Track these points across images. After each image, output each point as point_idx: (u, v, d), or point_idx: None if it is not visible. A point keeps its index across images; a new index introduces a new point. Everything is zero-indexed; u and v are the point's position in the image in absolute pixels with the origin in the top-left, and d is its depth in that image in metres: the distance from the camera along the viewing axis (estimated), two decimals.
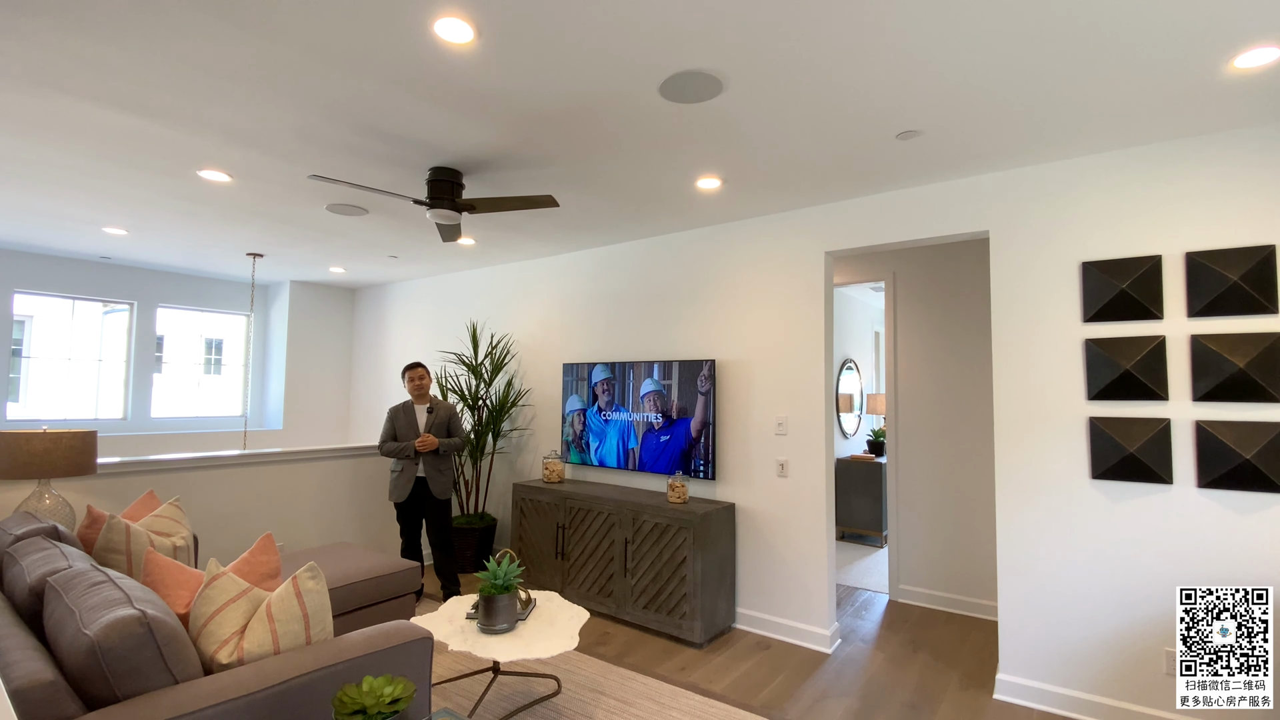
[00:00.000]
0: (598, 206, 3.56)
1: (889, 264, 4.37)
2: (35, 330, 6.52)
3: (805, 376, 3.48)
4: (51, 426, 5.28)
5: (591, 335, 4.56)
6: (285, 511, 4.00)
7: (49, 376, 5.71)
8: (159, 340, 6.47)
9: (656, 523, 3.52)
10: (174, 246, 4.84)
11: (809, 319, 3.49)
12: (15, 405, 5.60)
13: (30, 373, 5.70)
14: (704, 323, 3.93)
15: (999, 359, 2.91)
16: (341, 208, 3.66)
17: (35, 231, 4.45)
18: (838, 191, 3.25)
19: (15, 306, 5.38)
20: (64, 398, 5.75)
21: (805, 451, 3.46)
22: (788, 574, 3.49)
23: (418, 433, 3.89)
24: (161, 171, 3.10)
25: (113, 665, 1.35)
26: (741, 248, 3.78)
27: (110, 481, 3.28)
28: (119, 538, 2.35)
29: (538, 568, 4.11)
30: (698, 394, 3.79)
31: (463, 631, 2.50)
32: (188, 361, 6.59)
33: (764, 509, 3.60)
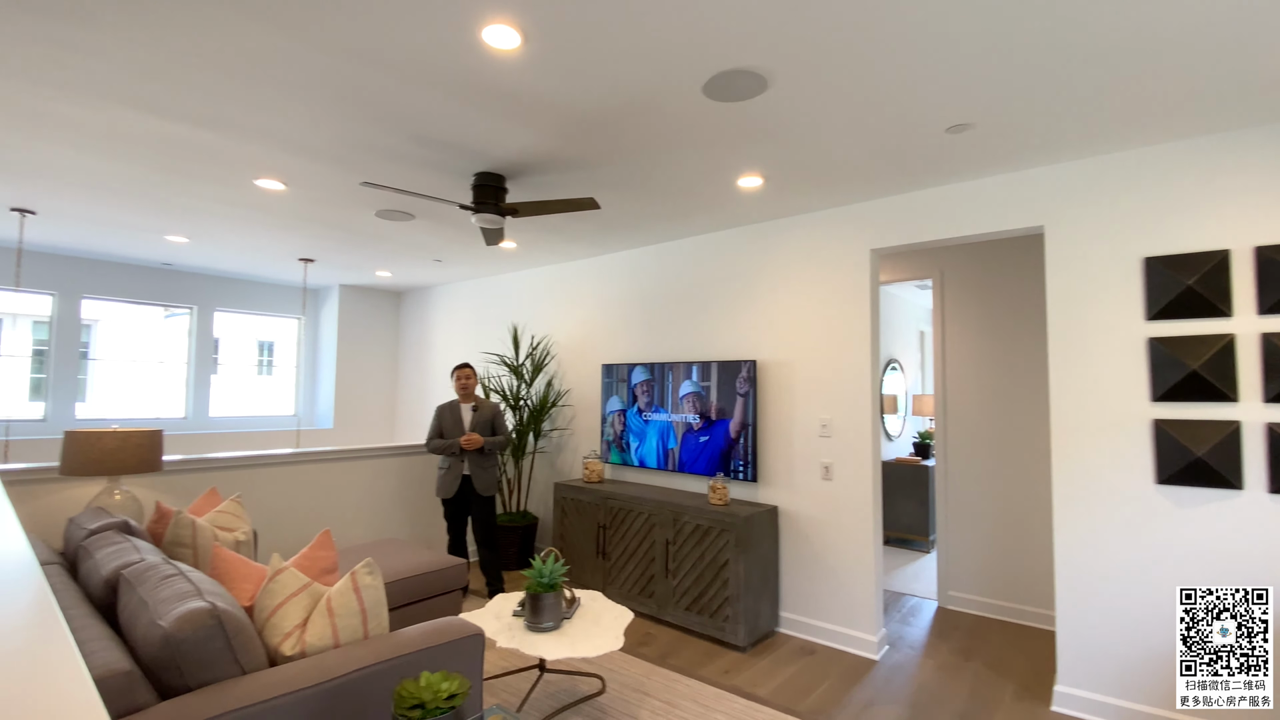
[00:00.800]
0: (638, 207, 3.57)
1: (937, 261, 4.26)
2: (101, 334, 6.89)
3: (850, 377, 3.42)
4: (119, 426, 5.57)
5: (631, 336, 4.57)
6: (337, 508, 4.12)
7: (114, 378, 6.01)
8: (215, 343, 6.76)
9: (698, 524, 3.51)
10: (231, 252, 5.05)
11: (854, 318, 3.42)
12: (83, 405, 5.92)
13: (97, 374, 6.02)
14: (744, 323, 3.90)
15: (1055, 359, 2.81)
16: (390, 213, 3.76)
17: (102, 240, 4.69)
18: (884, 187, 3.18)
19: (83, 312, 5.69)
20: (128, 398, 6.05)
21: (850, 454, 3.39)
22: (833, 578, 3.43)
23: (463, 431, 3.97)
24: (220, 181, 3.24)
25: (185, 655, 1.41)
26: (783, 246, 3.74)
27: (175, 478, 3.44)
28: (186, 532, 2.45)
29: (579, 566, 4.14)
30: (737, 395, 3.76)
31: (510, 629, 2.53)
32: (243, 363, 6.86)
33: (808, 512, 3.55)
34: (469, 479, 3.98)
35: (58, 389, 5.35)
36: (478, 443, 3.89)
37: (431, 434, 4.03)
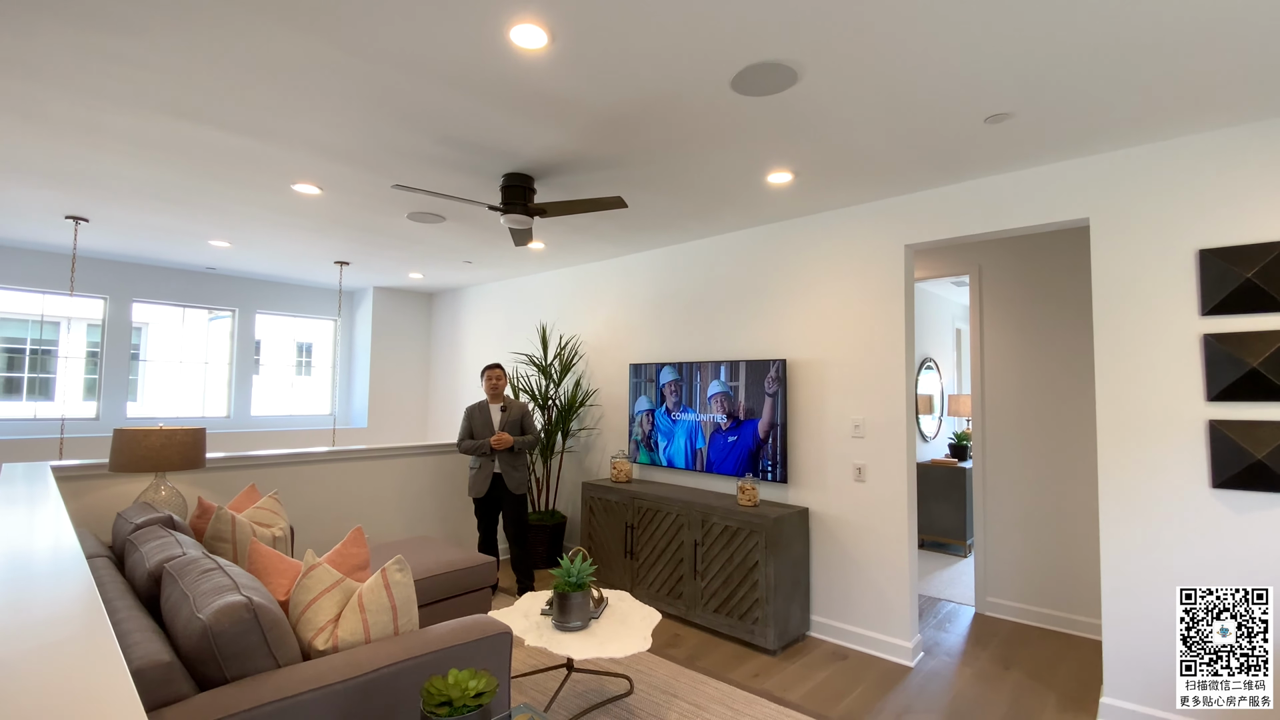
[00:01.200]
0: (666, 205, 3.55)
1: (974, 257, 4.14)
2: (152, 336, 7.16)
3: (884, 376, 3.34)
4: (166, 424, 5.78)
5: (658, 336, 4.55)
6: (370, 505, 4.20)
7: (163, 378, 6.24)
8: (257, 344, 6.97)
9: (726, 525, 3.47)
10: (270, 256, 5.19)
11: (888, 316, 3.34)
12: (134, 404, 6.16)
13: (148, 375, 6.26)
14: (773, 322, 3.85)
15: (1102, 357, 2.69)
16: (421, 216, 3.81)
17: (149, 245, 4.87)
18: (919, 181, 3.10)
19: (134, 315, 5.92)
20: (175, 398, 6.27)
21: (884, 455, 3.32)
22: (866, 582, 3.36)
23: (493, 430, 4.02)
24: (259, 186, 3.32)
25: (223, 648, 1.44)
26: (814, 243, 3.68)
27: (217, 475, 3.54)
28: (225, 527, 2.52)
29: (607, 566, 4.14)
30: (766, 395, 3.71)
31: (538, 627, 2.54)
32: (282, 364, 7.05)
33: (840, 514, 3.48)
34: (500, 478, 4.02)
35: (109, 389, 5.57)
36: (508, 442, 3.93)
37: (462, 435, 4.09)
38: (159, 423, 5.84)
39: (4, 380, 5.42)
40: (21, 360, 5.46)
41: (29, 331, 5.56)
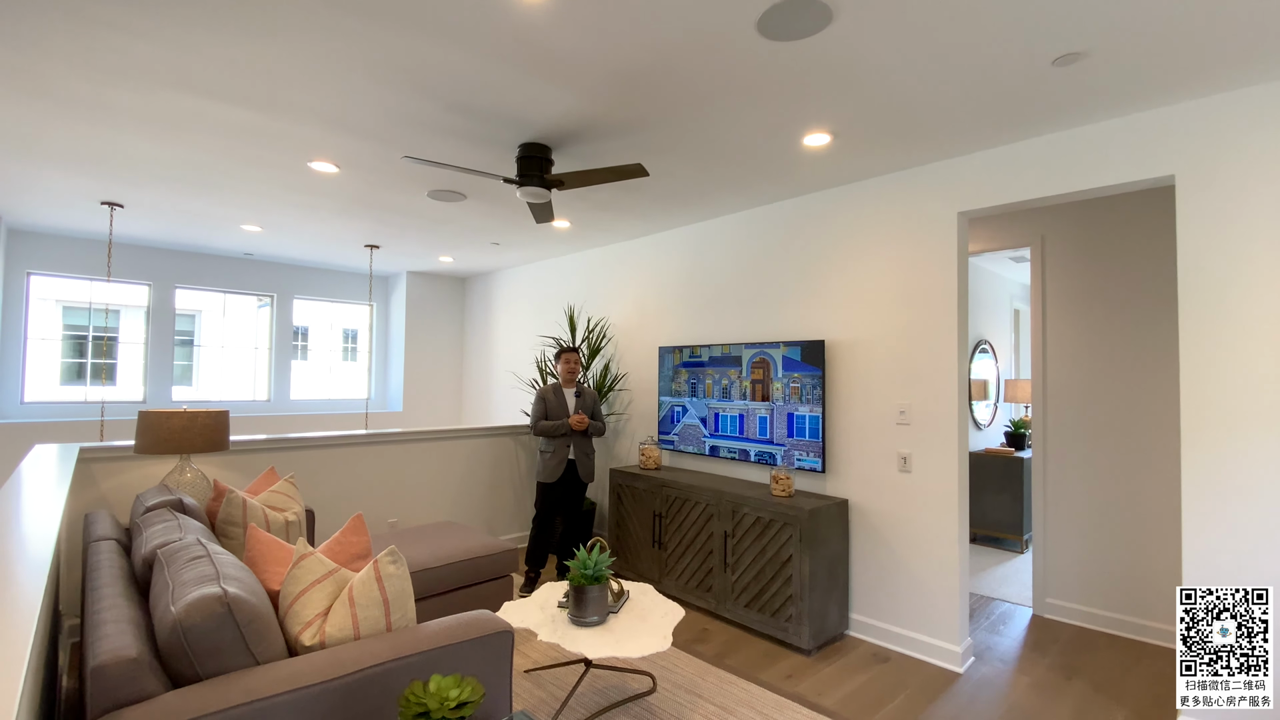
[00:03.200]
0: (692, 175, 3.33)
1: (1036, 226, 3.77)
2: (205, 322, 7.37)
3: (934, 359, 3.06)
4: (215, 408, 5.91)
5: (688, 317, 4.34)
6: (399, 489, 4.16)
7: (216, 363, 6.39)
8: (304, 331, 7.07)
9: (759, 517, 3.27)
10: (302, 241, 5.20)
11: (938, 292, 3.05)
12: (189, 389, 6.35)
13: (202, 360, 6.43)
14: (812, 300, 3.59)
15: (1189, 336, 2.36)
16: (441, 194, 3.70)
17: (186, 230, 4.93)
18: (974, 139, 2.79)
19: (187, 302, 6.07)
20: (228, 382, 6.41)
21: (933, 444, 3.04)
22: (911, 580, 3.11)
23: (568, 414, 3.94)
24: (276, 165, 3.26)
25: (194, 644, 1.34)
26: (856, 214, 3.39)
27: (244, 457, 3.54)
28: (236, 511, 2.47)
29: (635, 556, 4.00)
30: (803, 379, 3.47)
31: (553, 621, 2.41)
32: (326, 349, 7.13)
33: (882, 507, 3.22)
34: (574, 465, 3.93)
35: (155, 373, 5.72)
36: (585, 423, 3.88)
37: (536, 416, 3.96)
38: (204, 406, 5.99)
39: (73, 366, 5.63)
40: (85, 346, 5.66)
41: (92, 319, 5.76)
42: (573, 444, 3.91)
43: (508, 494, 4.75)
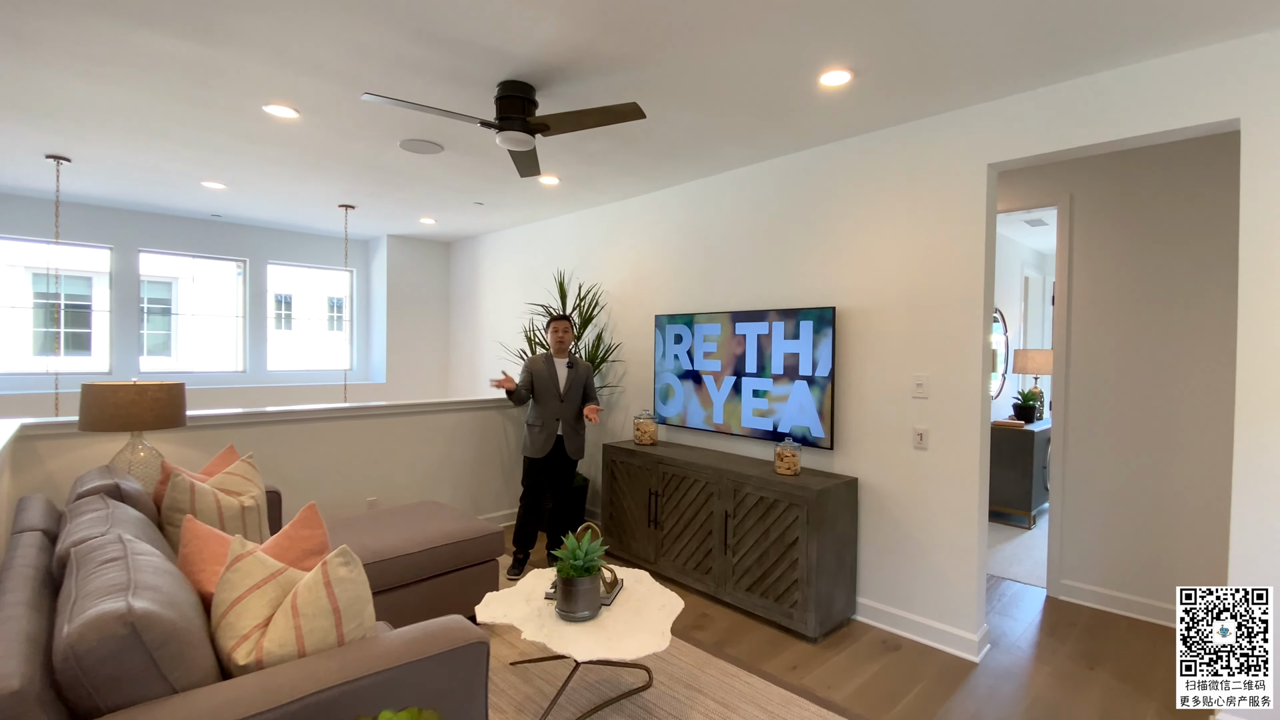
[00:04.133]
0: (693, 123, 3.01)
1: (1064, 184, 3.48)
2: (183, 290, 7.01)
3: (956, 327, 2.80)
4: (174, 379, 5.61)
5: (688, 283, 4.05)
6: (378, 466, 3.91)
7: (196, 333, 6.06)
8: (287, 299, 6.73)
9: (762, 496, 3.04)
10: (271, 200, 4.84)
11: (963, 255, 2.78)
12: (168, 360, 6.04)
13: (180, 330, 6.11)
14: (822, 264, 3.31)
15: (1249, 302, 2.11)
16: (415, 144, 3.36)
17: (145, 189, 4.56)
18: (1013, 79, 2.48)
19: (162, 268, 5.73)
20: (206, 352, 6.09)
21: (953, 419, 2.81)
22: (924, 563, 2.91)
23: (557, 388, 3.66)
24: (229, 110, 2.91)
25: (90, 672, 1.09)
26: (873, 168, 3.09)
27: (206, 434, 3.27)
28: (183, 497, 2.21)
29: (630, 535, 3.79)
30: (810, 348, 3.21)
31: (539, 615, 2.18)
32: (312, 318, 6.80)
33: (895, 486, 3.00)
34: (562, 441, 3.68)
35: (121, 342, 5.40)
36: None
37: (520, 385, 3.67)
38: (177, 378, 5.69)
39: (49, 336, 5.30)
40: (57, 314, 5.32)
41: (64, 286, 5.40)
42: (561, 419, 3.66)
43: (494, 471, 4.52)
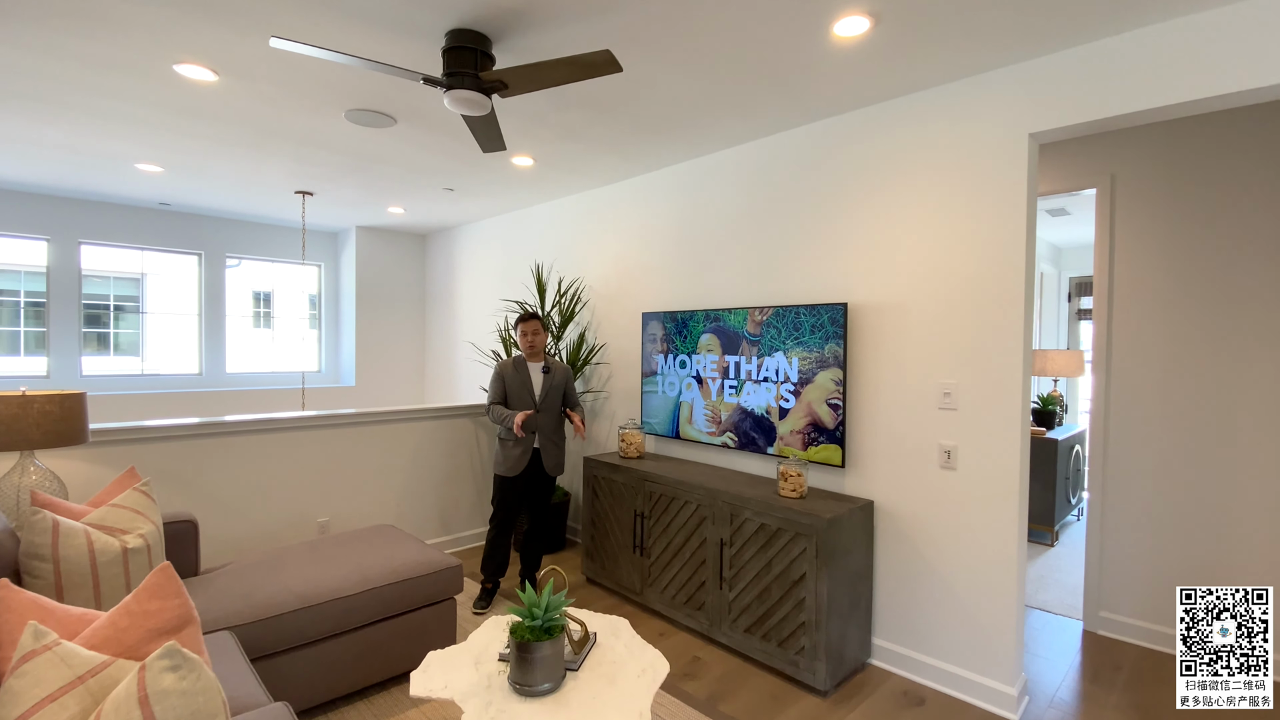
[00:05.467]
0: (682, 88, 2.58)
1: (1104, 161, 3.07)
2: (151, 287, 6.53)
3: (991, 327, 2.38)
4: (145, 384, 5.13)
5: (679, 277, 3.62)
6: (333, 483, 3.47)
7: (162, 333, 5.58)
8: (267, 296, 6.25)
9: (763, 524, 2.62)
10: (218, 185, 4.38)
11: (1001, 242, 2.36)
12: (135, 360, 5.58)
13: (148, 329, 5.64)
14: (832, 254, 2.88)
15: None
16: (362, 116, 2.92)
17: (74, 173, 4.10)
18: (1062, 30, 2.06)
19: (129, 264, 5.31)
20: (173, 354, 5.59)
21: (987, 434, 2.39)
22: (952, 602, 2.49)
23: (532, 397, 3.20)
24: (135, 71, 2.46)
25: None
26: (893, 142, 2.67)
27: (117, 451, 2.82)
28: (42, 540, 1.77)
29: (613, 562, 3.36)
30: (818, 352, 2.79)
31: (489, 688, 1.75)
32: (290, 316, 6.31)
33: (917, 510, 2.59)
34: (539, 455, 3.23)
35: (59, 343, 4.93)
36: (579, 428, 3.23)
37: (494, 398, 3.20)
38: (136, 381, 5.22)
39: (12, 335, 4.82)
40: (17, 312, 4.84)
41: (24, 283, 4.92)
42: (538, 431, 3.22)
43: (466, 486, 4.09)
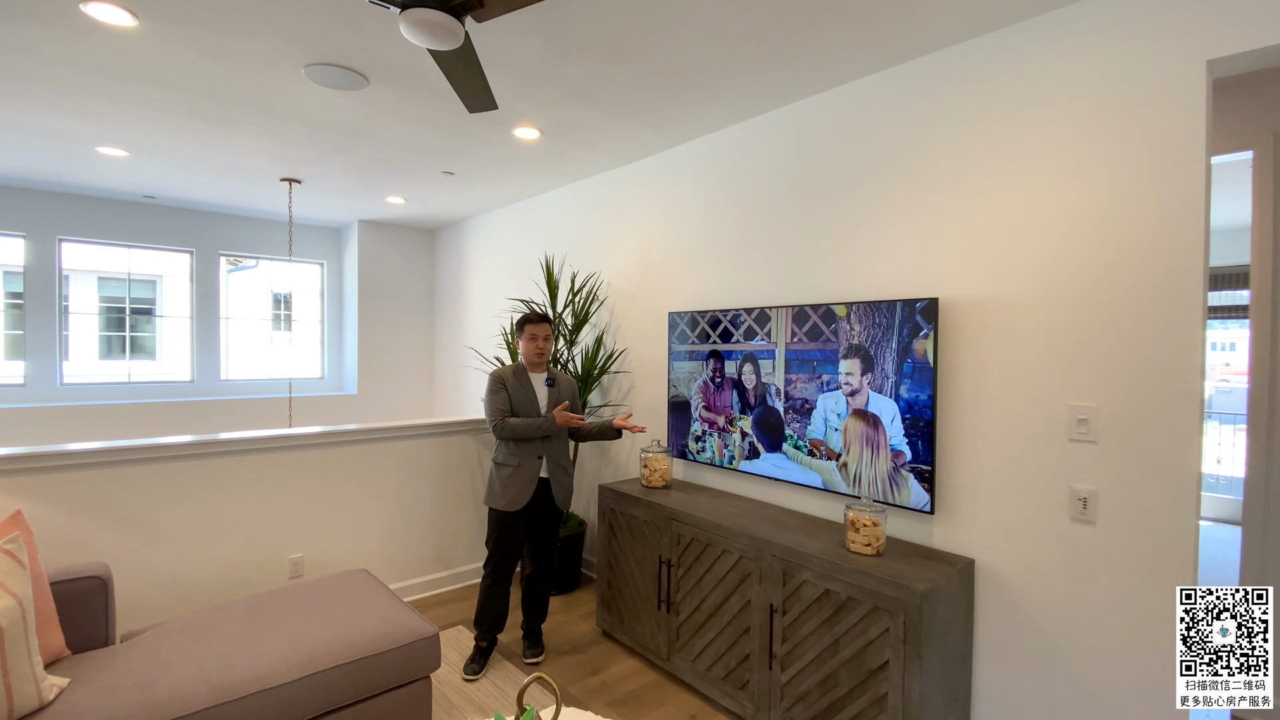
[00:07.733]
0: (718, 27, 1.98)
1: (1260, 120, 2.37)
2: (167, 289, 6.21)
3: (1148, 329, 1.74)
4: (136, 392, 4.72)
5: (715, 269, 3.02)
6: (309, 512, 2.96)
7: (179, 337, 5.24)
8: (285, 298, 5.86)
9: (828, 590, 2.01)
10: (193, 172, 3.92)
11: (1163, 211, 1.71)
12: (152, 364, 5.35)
13: (163, 332, 5.34)
14: (914, 236, 2.26)
15: None
16: (326, 73, 2.39)
17: (35, 159, 3.68)
18: None
19: (146, 265, 5.07)
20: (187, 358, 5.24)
21: (1141, 478, 1.74)
22: (1087, 699, 1.85)
23: (538, 411, 2.65)
24: (39, 16, 1.97)
25: None
26: (1004, 84, 2.03)
27: (39, 481, 2.34)
28: None
29: (633, 615, 2.77)
30: (898, 361, 2.17)
31: None
32: (309, 319, 5.90)
33: (1037, 575, 1.94)
34: (547, 485, 2.67)
35: (36, 348, 4.55)
36: (578, 421, 2.63)
37: (497, 410, 2.60)
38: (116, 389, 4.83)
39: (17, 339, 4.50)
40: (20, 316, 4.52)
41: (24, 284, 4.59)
42: (546, 456, 2.65)
43: (467, 513, 3.55)
